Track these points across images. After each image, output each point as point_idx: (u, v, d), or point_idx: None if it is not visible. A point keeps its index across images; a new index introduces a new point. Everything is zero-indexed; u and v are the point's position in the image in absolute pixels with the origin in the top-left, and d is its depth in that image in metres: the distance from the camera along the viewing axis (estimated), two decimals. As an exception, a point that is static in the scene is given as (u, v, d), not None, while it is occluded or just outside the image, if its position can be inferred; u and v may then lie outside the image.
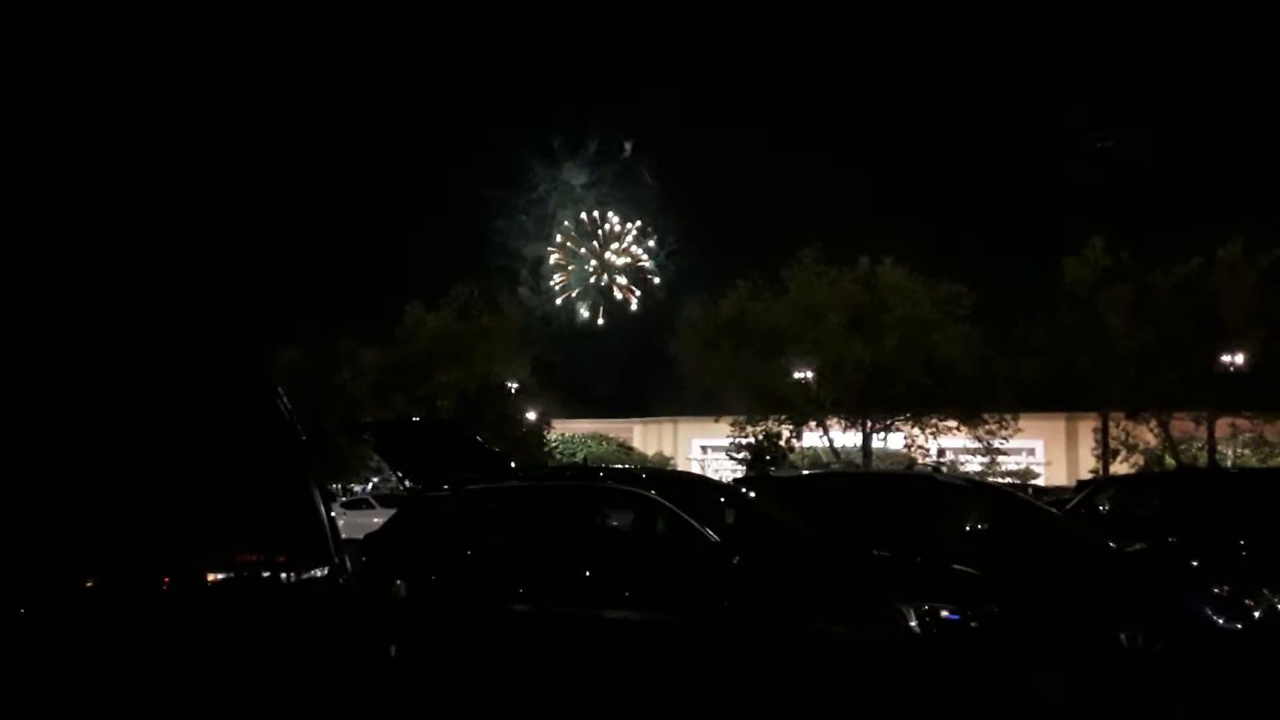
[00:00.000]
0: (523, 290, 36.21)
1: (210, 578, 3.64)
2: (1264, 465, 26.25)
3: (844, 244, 30.69)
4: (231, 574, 3.68)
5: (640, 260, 53.63)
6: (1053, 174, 40.63)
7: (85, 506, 3.44)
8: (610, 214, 53.81)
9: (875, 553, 6.40)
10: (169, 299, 4.25)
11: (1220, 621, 6.62)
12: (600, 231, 53.53)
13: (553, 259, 51.74)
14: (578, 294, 52.19)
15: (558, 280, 51.99)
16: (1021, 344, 28.97)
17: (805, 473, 13.98)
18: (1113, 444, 28.80)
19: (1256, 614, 6.80)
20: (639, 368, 45.86)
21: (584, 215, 53.03)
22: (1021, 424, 30.51)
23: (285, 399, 4.10)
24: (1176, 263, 26.64)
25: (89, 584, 3.42)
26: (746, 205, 47.91)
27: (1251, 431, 28.85)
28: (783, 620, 5.72)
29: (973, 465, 31.43)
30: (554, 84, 61.92)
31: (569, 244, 53.40)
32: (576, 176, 51.73)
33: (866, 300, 29.25)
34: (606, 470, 8.81)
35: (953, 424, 29.91)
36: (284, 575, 3.81)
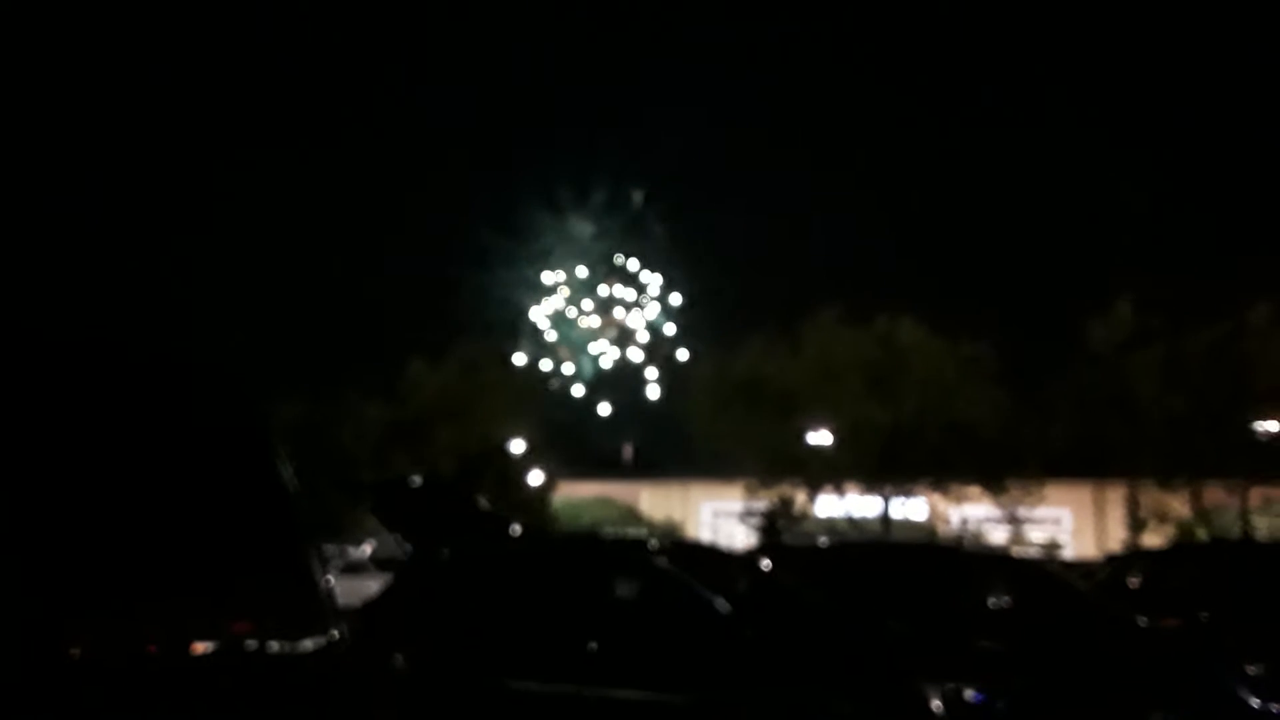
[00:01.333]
0: (524, 344, 35.74)
1: (198, 648, 3.54)
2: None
3: (862, 301, 30.44)
4: (220, 644, 3.57)
5: (655, 326, 52.89)
6: (1078, 234, 40.55)
7: (70, 571, 3.37)
8: (621, 259, 52.62)
9: (896, 628, 6.21)
10: (164, 353, 4.21)
11: (1255, 703, 6.37)
12: (606, 290, 52.92)
13: (539, 314, 50.98)
14: (573, 370, 51.44)
15: (549, 337, 51.29)
16: (1046, 408, 28.56)
17: (822, 541, 13.76)
18: (1143, 514, 28.17)
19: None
20: (647, 428, 45.51)
21: (585, 269, 52.30)
22: (1047, 492, 29.87)
23: (286, 461, 4.04)
24: (1206, 325, 26.33)
25: (73, 652, 3.33)
26: (760, 259, 47.87)
27: (1287, 502, 28.14)
28: (799, 699, 5.52)
29: (997, 535, 30.75)
30: (557, 130, 62.66)
31: (565, 298, 52.73)
32: (582, 229, 51.76)
33: (886, 360, 29.00)
34: (615, 537, 8.66)
35: (975, 491, 29.36)
36: (275, 646, 3.69)
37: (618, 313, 51.99)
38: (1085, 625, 7.15)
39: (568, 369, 49.18)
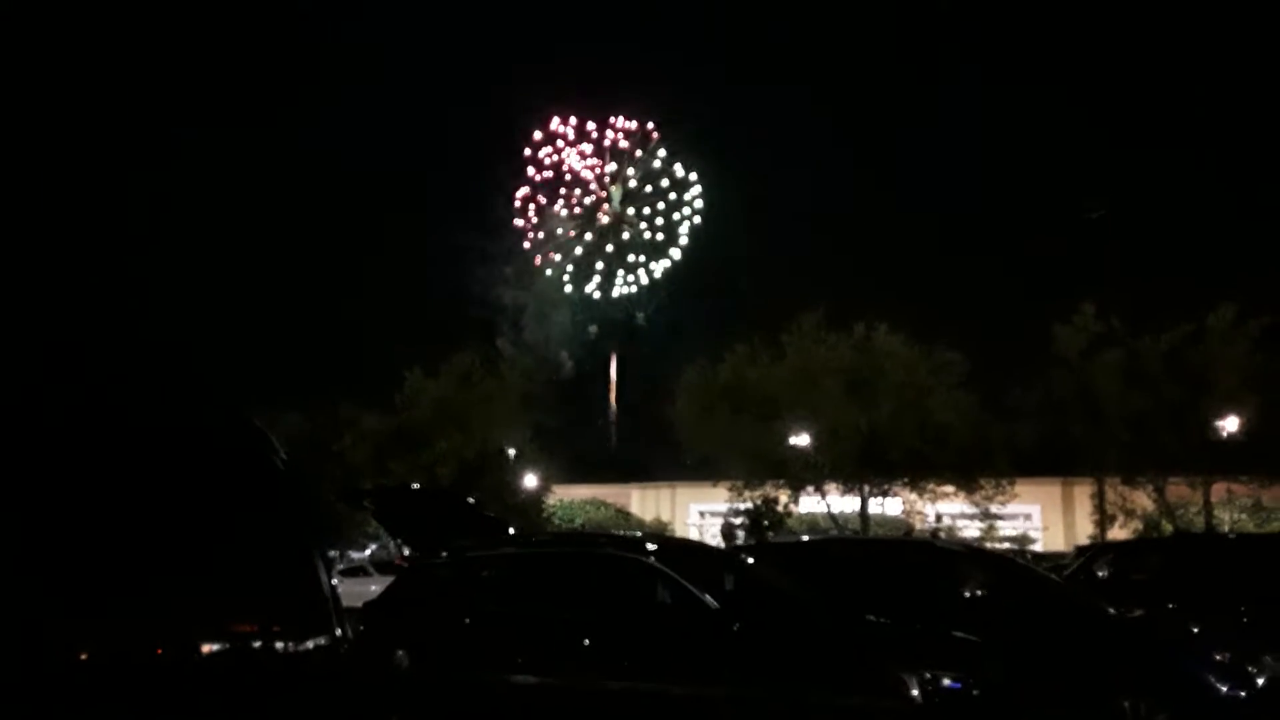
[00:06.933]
0: (501, 342, 35.89)
1: (205, 648, 3.59)
2: (1261, 531, 26.08)
3: (840, 310, 30.99)
4: (227, 644, 3.63)
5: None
6: (1044, 241, 41.37)
7: (79, 576, 3.42)
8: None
9: (875, 619, 6.37)
10: (162, 364, 4.28)
11: (1223, 689, 6.56)
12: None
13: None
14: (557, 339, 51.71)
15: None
16: (1016, 410, 29.08)
17: (804, 539, 13.90)
18: (1109, 509, 28.69)
19: (1259, 681, 6.76)
20: (637, 432, 45.89)
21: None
22: (1018, 489, 30.35)
23: (292, 466, 4.10)
24: (1168, 329, 26.95)
25: (82, 655, 3.38)
26: (745, 269, 48.62)
27: (1248, 496, 28.76)
28: (784, 689, 5.67)
29: (970, 531, 31.18)
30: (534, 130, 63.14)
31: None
32: (557, 222, 52.12)
33: (863, 366, 29.39)
34: (606, 536, 8.76)
35: (949, 489, 29.78)
36: (281, 645, 3.76)
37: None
38: (1056, 615, 7.33)
39: (550, 358, 49.44)
